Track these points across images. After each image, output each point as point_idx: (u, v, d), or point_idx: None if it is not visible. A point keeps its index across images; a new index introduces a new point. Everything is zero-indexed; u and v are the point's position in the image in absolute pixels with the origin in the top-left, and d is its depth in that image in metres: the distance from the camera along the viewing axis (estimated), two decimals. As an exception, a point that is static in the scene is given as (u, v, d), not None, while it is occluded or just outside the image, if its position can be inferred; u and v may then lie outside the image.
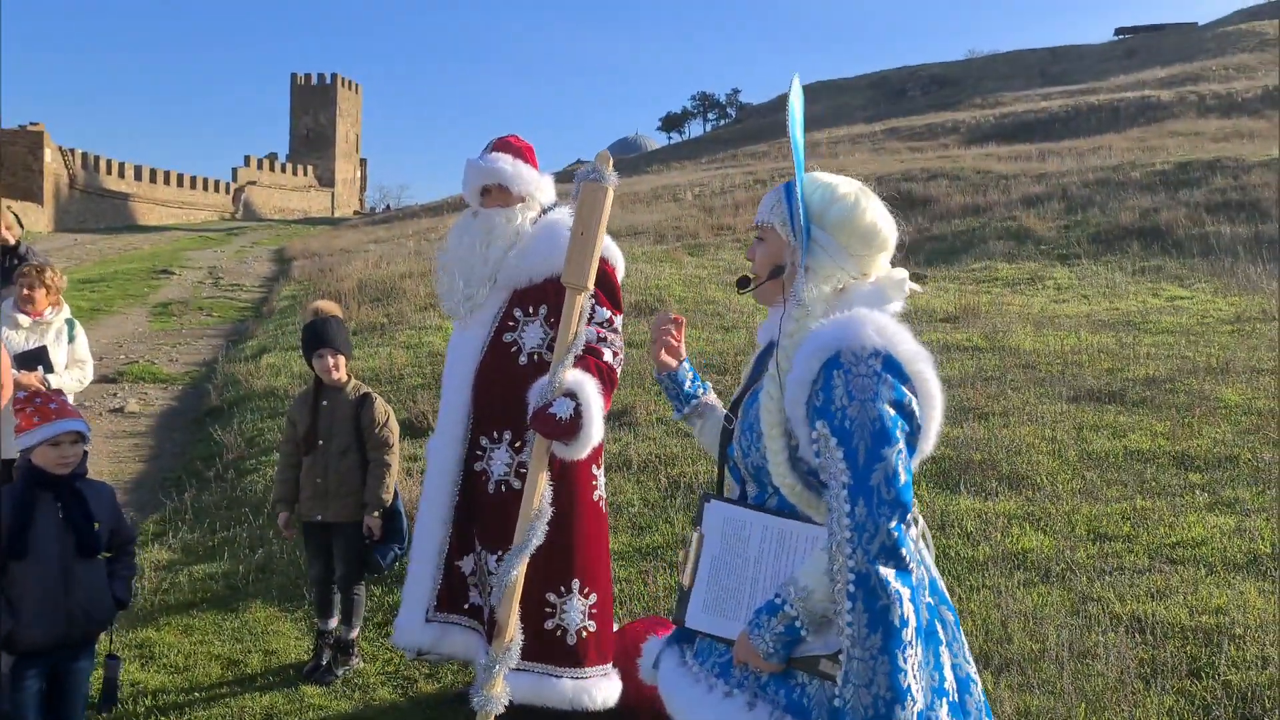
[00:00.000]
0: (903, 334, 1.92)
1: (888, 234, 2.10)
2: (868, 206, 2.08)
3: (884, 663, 1.78)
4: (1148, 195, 17.64)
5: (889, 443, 1.83)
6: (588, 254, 3.12)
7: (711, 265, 15.89)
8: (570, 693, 3.40)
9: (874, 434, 1.84)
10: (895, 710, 1.79)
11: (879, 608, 1.79)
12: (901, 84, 64.36)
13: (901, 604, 1.79)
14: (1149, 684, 3.65)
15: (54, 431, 3.18)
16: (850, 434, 1.85)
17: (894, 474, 1.82)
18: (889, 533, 1.80)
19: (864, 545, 1.80)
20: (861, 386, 1.86)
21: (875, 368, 1.87)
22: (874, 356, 1.88)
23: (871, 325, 1.91)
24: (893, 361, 1.88)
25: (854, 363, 1.88)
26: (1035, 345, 9.16)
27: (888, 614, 1.79)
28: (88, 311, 15.94)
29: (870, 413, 1.85)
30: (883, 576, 1.79)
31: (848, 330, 1.91)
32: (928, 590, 1.99)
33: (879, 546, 1.80)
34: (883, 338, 1.89)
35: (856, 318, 1.93)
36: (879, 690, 1.79)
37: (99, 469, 7.42)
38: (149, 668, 4.24)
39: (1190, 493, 5.48)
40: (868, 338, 1.89)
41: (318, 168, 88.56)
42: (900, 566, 1.81)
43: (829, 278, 2.05)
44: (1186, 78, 43.69)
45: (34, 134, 50.12)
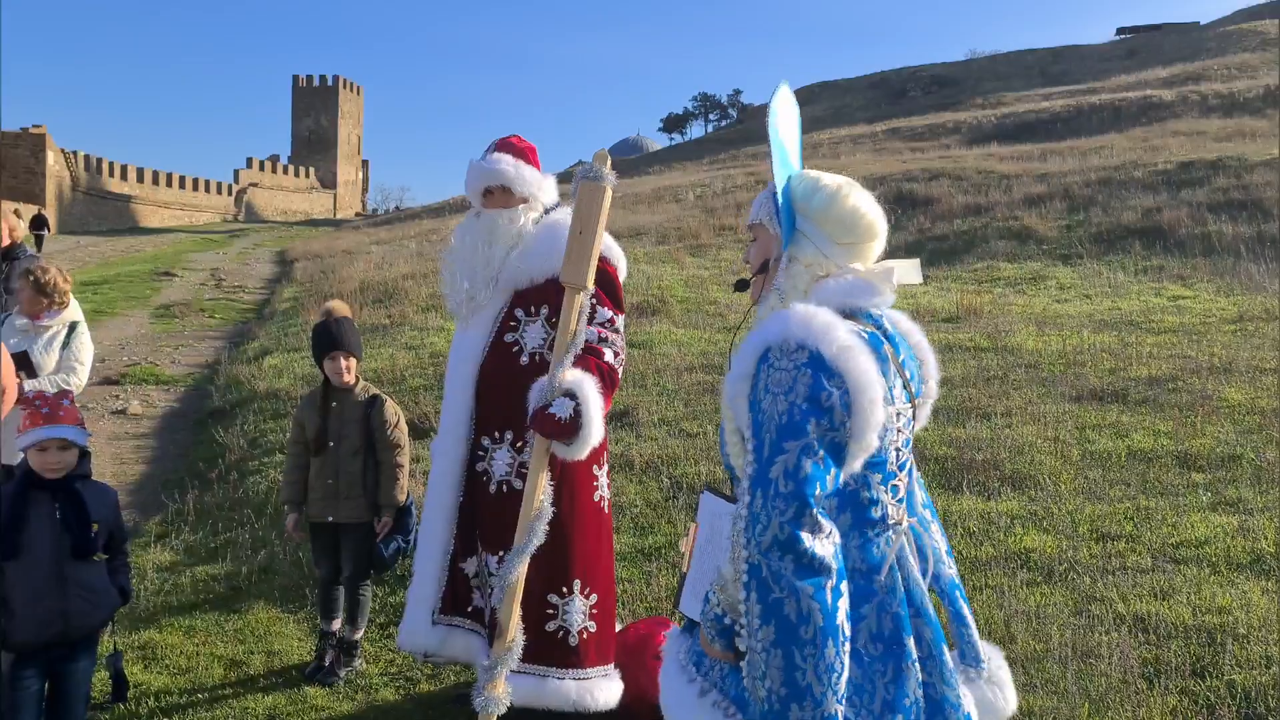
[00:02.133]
0: (835, 329, 1.88)
1: (872, 221, 2.09)
2: (850, 194, 2.08)
3: (777, 656, 1.75)
4: (1150, 195, 17.62)
5: (794, 436, 1.81)
6: (586, 253, 3.12)
7: (713, 265, 15.89)
8: (573, 694, 3.39)
9: (779, 427, 1.82)
10: (790, 708, 1.74)
11: (771, 600, 1.75)
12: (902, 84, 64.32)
13: (799, 600, 1.74)
14: (1152, 684, 3.64)
15: (39, 437, 3.18)
16: (761, 426, 1.85)
17: (795, 468, 1.79)
18: (782, 526, 1.76)
19: (756, 537, 1.77)
20: (778, 380, 1.86)
21: (798, 361, 1.85)
22: (799, 350, 1.86)
23: (799, 320, 1.89)
24: (818, 356, 1.85)
25: (778, 357, 1.87)
26: (1037, 345, 9.16)
27: (781, 608, 1.74)
28: (90, 313, 15.82)
29: (779, 406, 1.83)
30: (775, 569, 1.75)
31: (776, 326, 1.91)
32: (901, 602, 1.94)
33: (771, 539, 1.76)
34: (808, 332, 1.87)
35: (787, 312, 1.92)
36: (773, 685, 1.76)
37: (101, 470, 7.43)
38: (152, 669, 4.24)
39: (1193, 492, 5.48)
40: (792, 332, 1.87)
41: (319, 169, 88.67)
42: (799, 561, 1.75)
43: (810, 265, 2.06)
44: (1188, 77, 43.63)
45: (36, 136, 50.23)
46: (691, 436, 6.85)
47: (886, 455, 1.96)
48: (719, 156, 48.73)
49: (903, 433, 2.02)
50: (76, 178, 53.81)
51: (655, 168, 48.42)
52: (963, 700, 1.98)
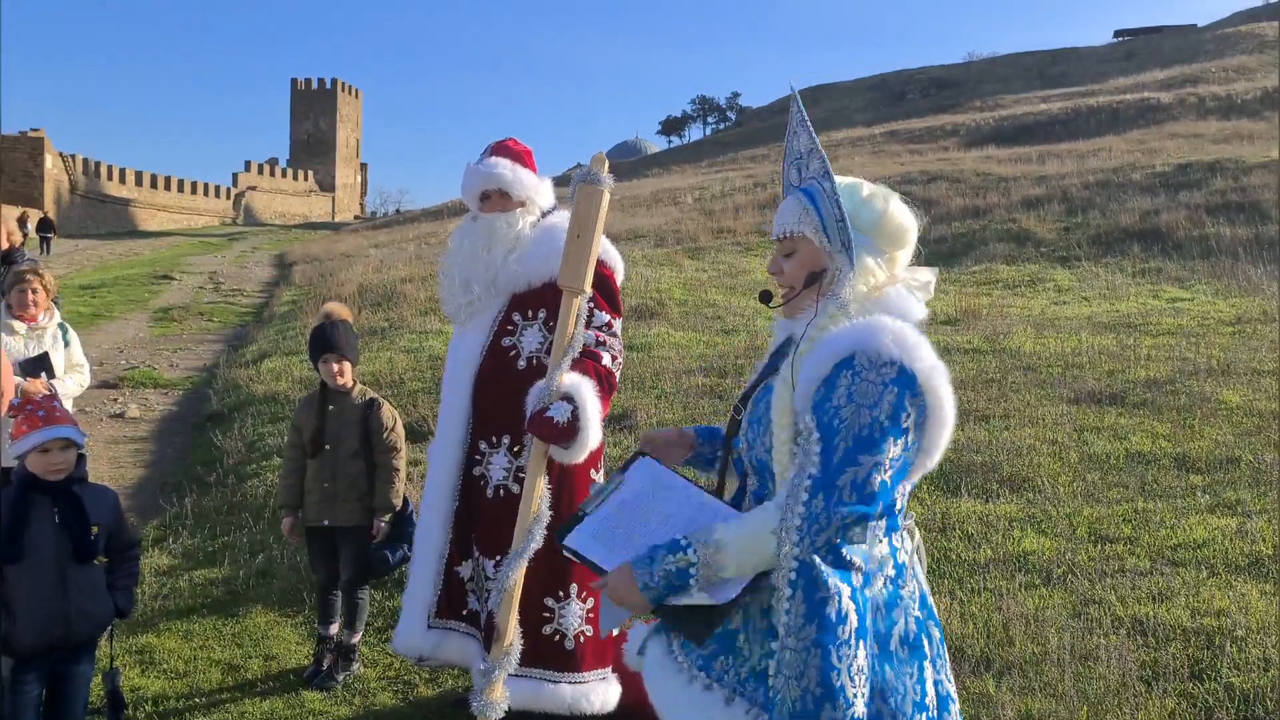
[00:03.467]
0: (923, 347, 1.89)
1: (910, 228, 2.09)
2: (891, 205, 2.07)
3: (816, 655, 1.77)
4: (1148, 197, 17.65)
5: (870, 451, 1.83)
6: (584, 256, 3.12)
7: (712, 268, 15.91)
8: (569, 697, 3.39)
9: (858, 438, 1.83)
10: (824, 707, 1.77)
11: (818, 599, 1.78)
12: (901, 87, 64.40)
13: (840, 600, 1.79)
14: (1151, 686, 3.64)
15: (42, 439, 3.18)
16: (835, 431, 1.85)
17: (864, 481, 1.82)
18: (839, 531, 1.81)
19: (812, 536, 1.81)
20: (864, 391, 1.86)
21: (887, 377, 1.86)
22: (889, 366, 1.86)
23: (890, 334, 1.89)
24: (907, 374, 1.86)
25: (866, 368, 1.87)
26: (1036, 347, 9.16)
27: (825, 607, 1.78)
28: (88, 317, 15.96)
29: (863, 418, 1.84)
30: (824, 570, 1.79)
31: (867, 335, 1.90)
32: (917, 604, 1.99)
33: (825, 541, 1.80)
34: (901, 349, 1.88)
35: (877, 324, 1.92)
36: (809, 684, 1.78)
37: (99, 474, 7.42)
38: (149, 673, 4.23)
39: (1191, 494, 5.48)
40: (886, 346, 1.88)
41: (318, 172, 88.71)
42: (848, 567, 1.81)
43: (868, 277, 2.03)
44: (1186, 80, 43.71)
45: (35, 140, 50.23)
46: (690, 439, 6.84)
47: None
48: (717, 159, 48.78)
49: None
50: (75, 181, 53.81)
51: (654, 170, 48.46)
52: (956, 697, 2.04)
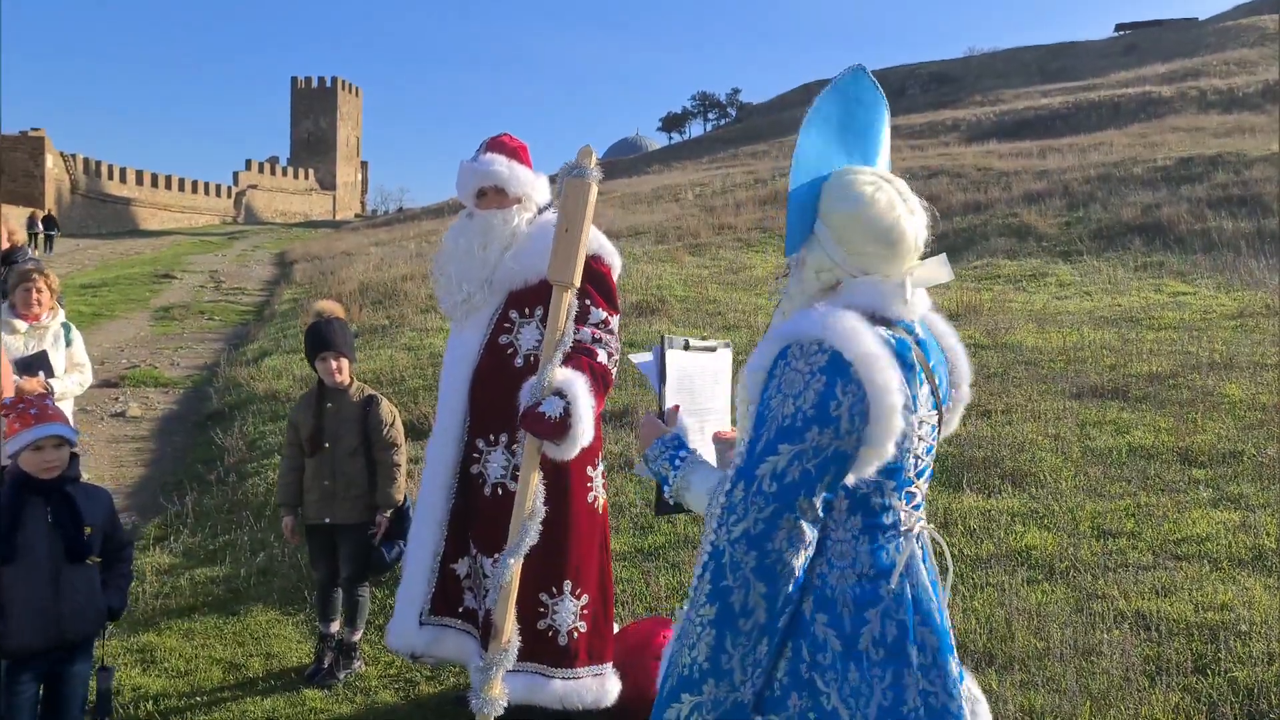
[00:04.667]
0: (858, 334, 1.83)
1: (904, 233, 1.97)
2: (880, 202, 1.96)
3: (709, 634, 1.83)
4: (1149, 191, 17.61)
5: (790, 441, 1.81)
6: (573, 250, 3.09)
7: (713, 264, 15.89)
8: (560, 693, 3.40)
9: (780, 428, 1.82)
10: (708, 681, 1.83)
11: (722, 586, 1.81)
12: (901, 82, 64.28)
13: (748, 593, 1.80)
14: (1154, 681, 3.63)
15: (34, 436, 3.16)
16: (763, 421, 1.85)
17: (782, 472, 1.80)
18: (756, 522, 1.80)
19: (729, 525, 1.82)
20: (791, 381, 1.84)
21: (816, 365, 1.82)
22: (819, 355, 1.83)
23: (824, 321, 1.85)
24: (839, 362, 1.81)
25: (796, 357, 1.85)
26: (1037, 342, 9.15)
27: (728, 595, 1.81)
28: (89, 316, 15.96)
29: (787, 408, 1.82)
30: (736, 560, 1.80)
31: (801, 325, 1.87)
32: (904, 609, 1.92)
33: (742, 532, 1.80)
34: (831, 334, 1.83)
35: (814, 312, 1.89)
36: (698, 656, 1.85)
37: (100, 473, 7.42)
38: (150, 672, 4.22)
39: (1194, 488, 5.46)
40: (815, 333, 1.84)
41: (319, 171, 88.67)
42: (762, 561, 1.80)
43: (820, 271, 1.99)
44: (1187, 73, 43.61)
45: (35, 140, 50.19)
46: (691, 436, 6.83)
47: (904, 463, 1.92)
48: (718, 156, 48.72)
49: (924, 440, 1.96)
50: (76, 181, 53.80)
51: (654, 167, 48.42)
52: (965, 713, 1.94)
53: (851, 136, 2.09)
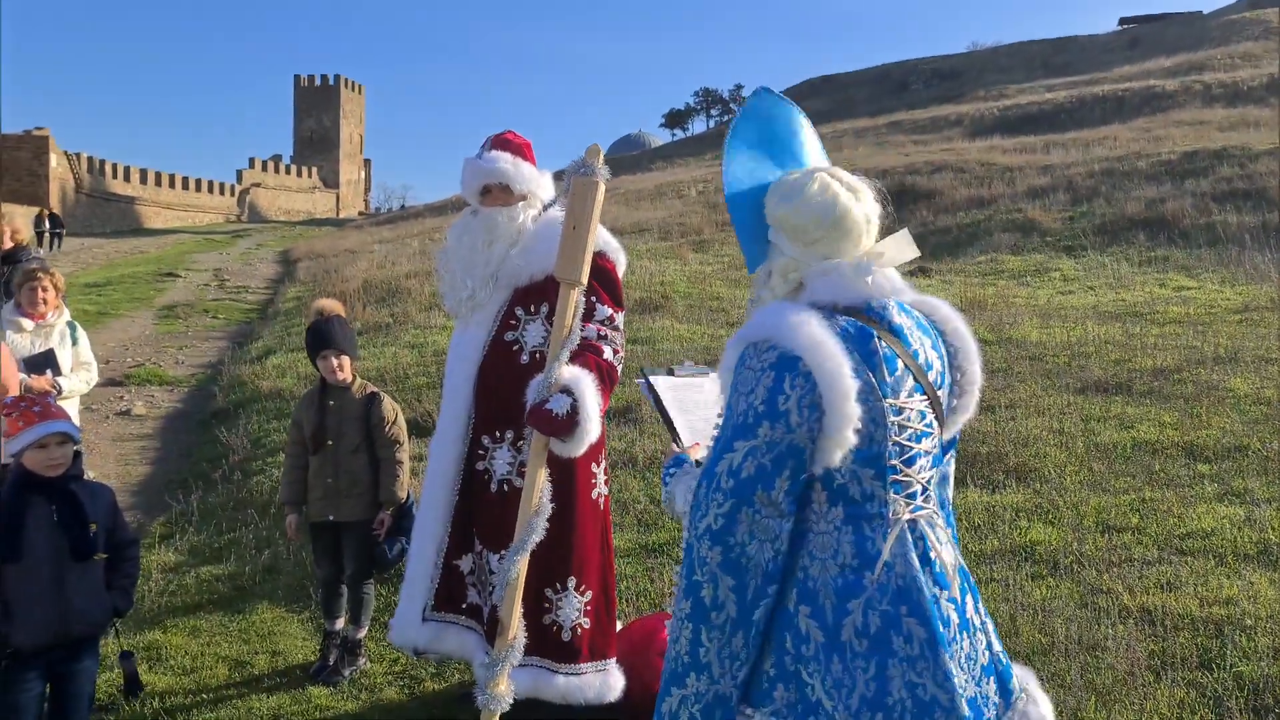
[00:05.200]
0: (801, 325, 1.87)
1: (845, 209, 1.99)
2: (814, 185, 2.01)
3: (688, 629, 1.91)
4: (1154, 185, 17.56)
5: (744, 437, 1.87)
6: (580, 248, 3.10)
7: (716, 261, 15.87)
8: (563, 688, 3.42)
9: (735, 426, 1.89)
10: (689, 674, 1.91)
11: (693, 580, 1.89)
12: (904, 78, 64.15)
13: (716, 588, 1.86)
14: (1159, 676, 3.63)
15: (38, 434, 3.17)
16: (725, 420, 1.93)
17: (737, 468, 1.86)
18: (716, 518, 1.86)
19: (695, 521, 1.90)
20: (744, 380, 1.90)
21: (766, 362, 1.88)
22: (769, 351, 1.89)
23: (772, 319, 1.91)
24: (787, 357, 1.86)
25: (751, 356, 1.91)
26: (1041, 337, 9.13)
27: (698, 590, 1.88)
28: (94, 315, 15.98)
29: (740, 405, 1.90)
30: (703, 556, 1.87)
31: (756, 323, 1.94)
32: (889, 599, 1.90)
33: (705, 528, 1.87)
34: (776, 330, 1.89)
35: (765, 311, 1.95)
36: (680, 651, 1.93)
37: (106, 471, 7.44)
38: (156, 669, 4.24)
39: (1199, 483, 5.45)
40: (765, 331, 1.90)
41: (322, 169, 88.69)
42: (726, 555, 1.86)
43: (786, 273, 2.04)
44: (1191, 67, 43.46)
45: (39, 139, 50.24)
46: (695, 432, 6.83)
47: (882, 449, 1.91)
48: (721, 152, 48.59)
49: (912, 427, 1.94)
50: (80, 180, 53.86)
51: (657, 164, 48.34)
52: (959, 704, 1.90)
53: (776, 149, 2.14)
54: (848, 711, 1.86)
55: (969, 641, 1.98)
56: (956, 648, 1.94)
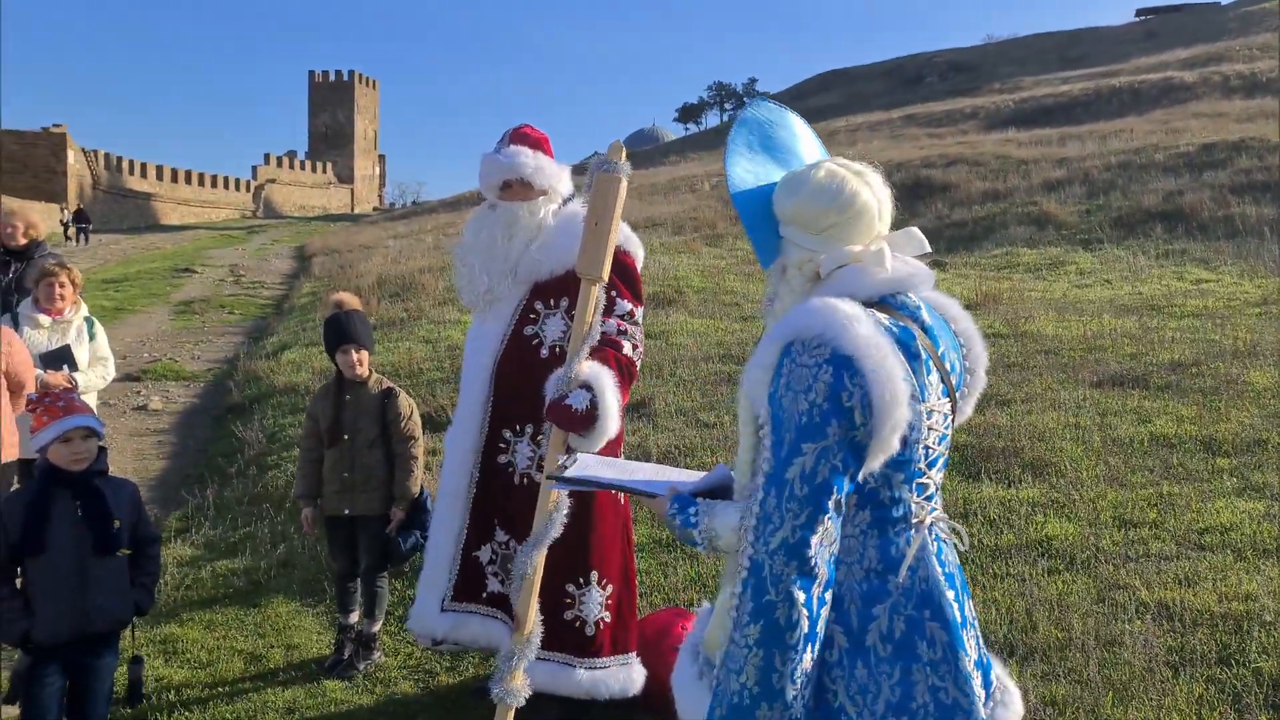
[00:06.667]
0: (855, 322, 1.79)
1: (854, 192, 1.94)
2: (818, 172, 1.96)
3: (758, 655, 1.75)
4: (1171, 178, 17.43)
5: (812, 438, 1.76)
6: (602, 244, 3.10)
7: (729, 255, 15.84)
8: (586, 682, 3.41)
9: (799, 427, 1.77)
10: (760, 706, 1.76)
11: (764, 602, 1.75)
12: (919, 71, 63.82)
13: (790, 606, 1.74)
14: (1178, 672, 3.60)
15: (63, 428, 3.19)
16: (780, 423, 1.80)
17: (811, 472, 1.76)
18: (794, 530, 1.75)
19: (765, 536, 1.76)
20: (799, 377, 1.79)
21: (819, 358, 1.78)
22: (820, 346, 1.79)
23: (823, 313, 1.81)
24: (839, 353, 1.78)
25: (800, 352, 1.81)
26: (1057, 331, 9.08)
27: (772, 610, 1.75)
28: (111, 311, 16.09)
29: (800, 405, 1.78)
30: (778, 573, 1.74)
31: (801, 318, 1.84)
32: (913, 603, 1.89)
33: (780, 541, 1.75)
34: (829, 326, 1.79)
35: (811, 305, 1.85)
36: (747, 681, 1.76)
37: (123, 466, 7.48)
38: (172, 663, 4.26)
39: (1218, 478, 5.41)
40: (814, 326, 1.80)
41: (337, 164, 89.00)
42: (802, 568, 1.75)
43: (801, 265, 1.97)
44: (1209, 58, 43.09)
45: (57, 136, 50.63)
46: (708, 427, 6.83)
47: (913, 454, 1.87)
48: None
49: (936, 430, 1.91)
50: (97, 176, 54.23)
51: (671, 158, 48.29)
52: (977, 707, 1.89)
53: (778, 151, 2.09)
54: (872, 717, 1.83)
55: (969, 639, 1.97)
56: (965, 650, 1.93)
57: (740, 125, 2.10)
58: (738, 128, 2.09)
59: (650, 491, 2.08)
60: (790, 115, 2.17)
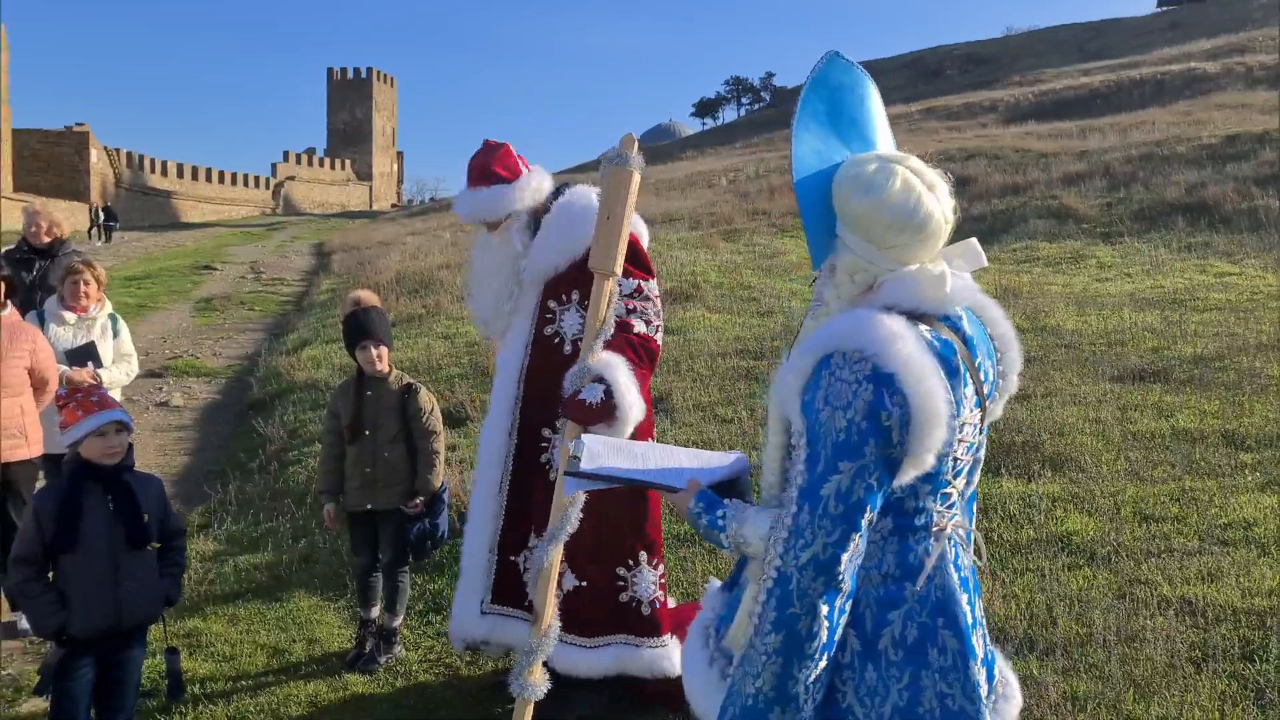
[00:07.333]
0: (899, 340, 1.75)
1: (929, 215, 1.86)
2: (890, 187, 1.85)
3: (776, 663, 1.78)
4: (1194, 170, 17.25)
5: (850, 457, 1.74)
6: (614, 238, 3.10)
7: (747, 250, 15.81)
8: (650, 660, 3.47)
9: (836, 444, 1.74)
10: (774, 709, 1.79)
11: (788, 614, 1.76)
12: (938, 64, 63.43)
13: (814, 619, 1.75)
14: (1200, 668, 3.58)
15: (99, 422, 3.24)
16: (817, 437, 1.77)
17: (848, 491, 1.74)
18: (825, 547, 1.74)
19: (796, 550, 1.76)
20: (838, 391, 1.75)
21: (860, 374, 1.74)
22: (861, 362, 1.75)
23: (867, 327, 1.77)
24: (880, 370, 1.74)
25: (840, 365, 1.77)
26: (1077, 325, 9.02)
27: (795, 623, 1.76)
28: (134, 308, 16.22)
29: (838, 421, 1.74)
30: (804, 587, 1.75)
31: (844, 330, 1.79)
32: (927, 610, 1.88)
33: (810, 557, 1.75)
34: (872, 342, 1.75)
35: (856, 318, 1.80)
36: (763, 686, 1.79)
37: (146, 461, 7.55)
38: (196, 656, 4.31)
39: (1241, 472, 5.36)
40: (859, 342, 1.76)
41: (355, 162, 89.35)
42: (829, 585, 1.75)
43: (854, 273, 1.90)
44: (1233, 49, 42.63)
45: (80, 134, 51.03)
46: (726, 422, 6.83)
47: (942, 467, 1.85)
48: (752, 140, 48.45)
49: (964, 441, 1.88)
50: (119, 174, 54.66)
51: (688, 153, 48.24)
52: (984, 715, 1.90)
53: (845, 125, 1.99)
54: (879, 718, 1.84)
55: (977, 640, 1.97)
56: (975, 659, 1.93)
57: (812, 87, 1.98)
58: (810, 90, 1.97)
59: (671, 486, 2.06)
60: (865, 79, 2.06)
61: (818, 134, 1.95)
